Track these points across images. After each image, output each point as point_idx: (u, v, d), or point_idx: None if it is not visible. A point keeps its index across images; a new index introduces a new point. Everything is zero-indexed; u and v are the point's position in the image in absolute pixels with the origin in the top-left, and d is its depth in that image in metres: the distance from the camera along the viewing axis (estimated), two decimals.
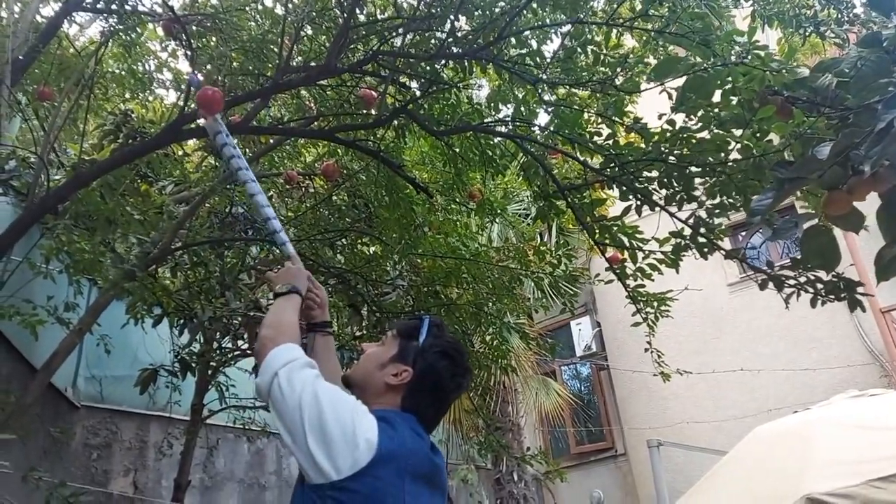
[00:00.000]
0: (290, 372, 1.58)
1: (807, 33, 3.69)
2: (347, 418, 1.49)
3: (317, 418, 1.47)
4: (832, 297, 3.17)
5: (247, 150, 5.39)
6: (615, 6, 3.41)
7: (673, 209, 3.47)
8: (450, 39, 3.57)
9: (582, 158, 3.88)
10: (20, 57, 3.95)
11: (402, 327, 1.80)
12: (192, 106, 3.61)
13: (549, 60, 3.61)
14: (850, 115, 2.31)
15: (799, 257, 3.10)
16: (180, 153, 6.06)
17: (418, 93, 4.08)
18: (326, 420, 1.47)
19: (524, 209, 8.36)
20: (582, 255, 9.30)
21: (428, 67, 3.88)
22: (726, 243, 7.58)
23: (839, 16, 3.75)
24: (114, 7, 3.75)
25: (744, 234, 9.70)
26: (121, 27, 3.96)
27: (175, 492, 5.50)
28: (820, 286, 3.20)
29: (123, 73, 5.24)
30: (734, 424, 8.66)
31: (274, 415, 1.56)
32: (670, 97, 3.25)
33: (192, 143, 6.03)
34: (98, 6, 4.16)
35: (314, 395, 1.51)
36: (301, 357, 1.64)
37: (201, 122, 2.54)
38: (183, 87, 4.27)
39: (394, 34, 3.95)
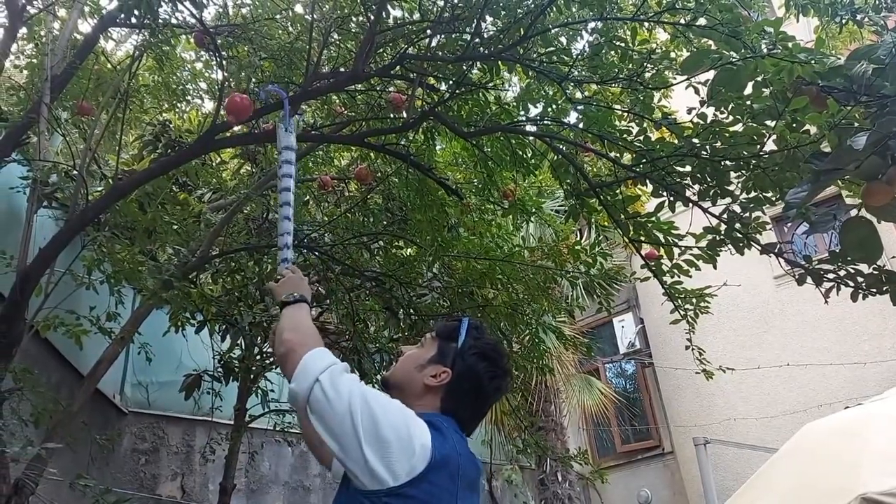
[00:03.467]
0: (333, 377, 1.51)
1: (843, 21, 3.58)
2: (401, 424, 1.46)
3: (370, 424, 1.43)
4: (874, 290, 3.06)
5: None
6: (643, 0, 3.34)
7: (706, 205, 3.40)
8: (476, 40, 3.55)
9: (613, 155, 3.82)
10: (58, 73, 4.06)
11: (441, 329, 1.80)
12: (225, 114, 3.66)
13: (575, 58, 3.56)
14: (887, 104, 2.23)
15: (838, 250, 3.01)
16: (217, 161, 6.16)
17: (447, 95, 4.07)
18: (381, 426, 1.44)
19: (560, 205, 8.25)
20: (622, 251, 9.17)
21: (455, 69, 3.87)
22: (772, 236, 7.40)
23: (877, 2, 3.63)
24: (146, 22, 3.82)
25: (790, 225, 9.45)
26: (153, 41, 4.03)
27: (221, 495, 5.58)
28: (860, 279, 3.10)
29: (159, 85, 5.34)
30: (783, 421, 8.46)
31: (316, 422, 1.48)
32: (697, 92, 3.17)
33: (229, 150, 6.13)
34: (131, 21, 4.25)
35: (364, 401, 1.47)
36: (338, 361, 1.58)
37: (279, 129, 2.30)
38: (217, 95, 4.34)
39: (420, 37, 3.95)
